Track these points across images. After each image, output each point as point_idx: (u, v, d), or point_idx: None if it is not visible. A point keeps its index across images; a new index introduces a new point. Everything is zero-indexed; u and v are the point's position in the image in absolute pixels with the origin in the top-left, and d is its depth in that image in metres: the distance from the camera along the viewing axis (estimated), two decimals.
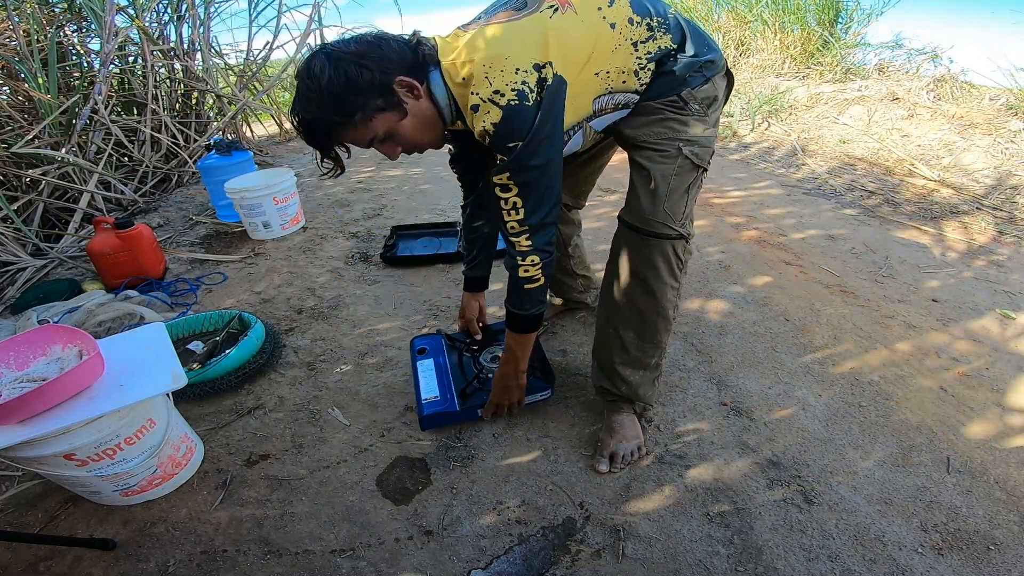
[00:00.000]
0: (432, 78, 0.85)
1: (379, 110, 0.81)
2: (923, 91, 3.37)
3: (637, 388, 1.15)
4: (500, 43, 0.79)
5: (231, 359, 1.43)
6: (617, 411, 1.19)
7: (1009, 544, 0.96)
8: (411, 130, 0.86)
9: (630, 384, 1.15)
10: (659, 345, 1.13)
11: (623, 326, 1.10)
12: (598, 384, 1.21)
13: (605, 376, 1.18)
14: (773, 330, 1.60)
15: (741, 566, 0.94)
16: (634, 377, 1.15)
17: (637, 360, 1.13)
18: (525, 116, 0.79)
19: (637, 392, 1.16)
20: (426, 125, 0.87)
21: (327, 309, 1.85)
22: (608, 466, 1.13)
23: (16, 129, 2.67)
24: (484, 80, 0.78)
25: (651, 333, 1.10)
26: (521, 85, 0.77)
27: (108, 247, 1.93)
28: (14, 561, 1.01)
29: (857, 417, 1.27)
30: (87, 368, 0.94)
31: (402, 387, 1.44)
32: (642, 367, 1.14)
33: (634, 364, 1.13)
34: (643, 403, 1.20)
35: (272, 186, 2.33)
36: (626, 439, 1.15)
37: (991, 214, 2.29)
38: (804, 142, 3.44)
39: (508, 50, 0.79)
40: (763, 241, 2.21)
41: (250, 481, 1.17)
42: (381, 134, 0.84)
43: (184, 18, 3.65)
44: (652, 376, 1.17)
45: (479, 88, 0.78)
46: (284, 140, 4.71)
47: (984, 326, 1.58)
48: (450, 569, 0.96)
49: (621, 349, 1.12)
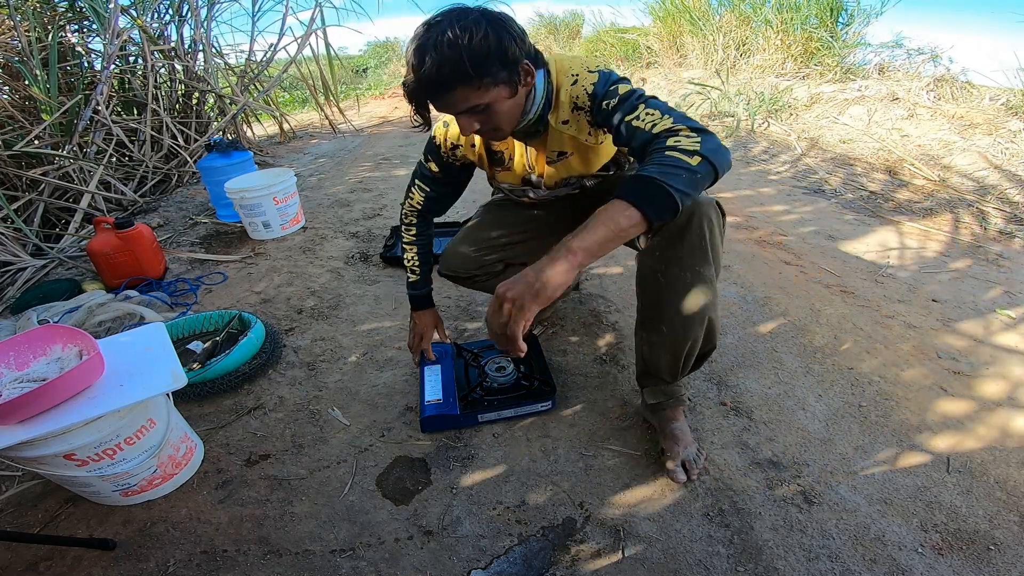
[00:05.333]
0: (538, 74, 0.94)
1: (501, 82, 0.85)
2: (923, 91, 3.37)
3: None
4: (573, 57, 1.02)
5: (231, 359, 1.43)
6: (674, 418, 1.16)
7: (1009, 544, 0.96)
8: (507, 110, 0.90)
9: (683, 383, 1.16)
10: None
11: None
12: (655, 400, 1.18)
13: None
14: (773, 330, 1.60)
15: (741, 566, 0.94)
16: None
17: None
18: (610, 72, 0.96)
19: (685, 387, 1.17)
20: (516, 112, 0.93)
21: (327, 309, 1.85)
22: (685, 474, 1.10)
23: (17, 129, 2.67)
24: (576, 62, 0.98)
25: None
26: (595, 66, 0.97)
27: (108, 247, 1.93)
28: (14, 561, 1.01)
29: (857, 417, 1.26)
30: (87, 368, 0.94)
31: (402, 387, 1.44)
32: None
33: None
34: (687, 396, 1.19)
35: (272, 186, 2.33)
36: (689, 444, 1.14)
37: (991, 214, 2.29)
38: (804, 142, 3.44)
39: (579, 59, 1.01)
40: (763, 241, 2.21)
41: (250, 481, 1.17)
42: (484, 103, 0.86)
43: (185, 18, 3.66)
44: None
45: (572, 68, 0.97)
46: (284, 140, 4.72)
47: (984, 326, 1.58)
48: (450, 569, 0.96)
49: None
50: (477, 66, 0.81)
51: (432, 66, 0.80)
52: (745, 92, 4.27)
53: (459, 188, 1.31)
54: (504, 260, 1.35)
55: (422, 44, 0.81)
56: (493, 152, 1.17)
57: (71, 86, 3.01)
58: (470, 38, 0.79)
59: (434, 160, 1.21)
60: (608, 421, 1.28)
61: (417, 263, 1.35)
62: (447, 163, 1.20)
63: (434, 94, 0.86)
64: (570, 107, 0.98)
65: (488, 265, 1.33)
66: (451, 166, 1.22)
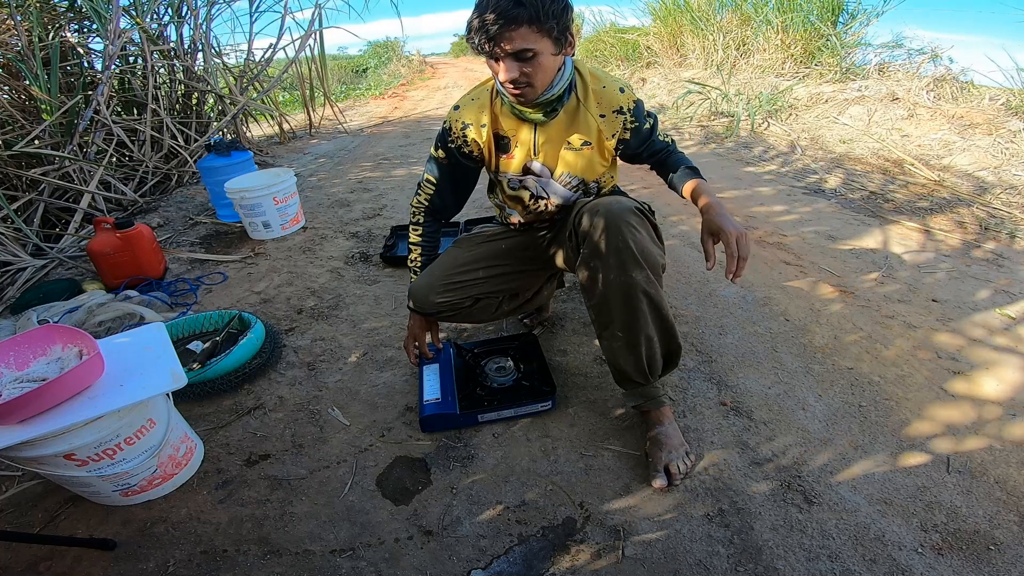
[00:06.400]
0: (568, 60, 1.10)
1: (555, 38, 1.00)
2: (923, 91, 3.37)
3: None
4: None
5: (231, 359, 1.43)
6: (659, 421, 1.17)
7: (1009, 544, 0.96)
8: (547, 65, 1.02)
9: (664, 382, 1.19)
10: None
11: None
12: (635, 402, 1.19)
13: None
14: (773, 330, 1.60)
15: (741, 566, 0.94)
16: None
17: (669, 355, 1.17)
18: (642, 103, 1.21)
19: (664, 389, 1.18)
20: (551, 73, 1.06)
21: (327, 309, 1.85)
22: (667, 480, 1.10)
23: (17, 129, 2.67)
24: (612, 76, 1.19)
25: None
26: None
27: (108, 247, 1.93)
28: (14, 561, 1.01)
29: (857, 417, 1.26)
30: (87, 368, 0.94)
31: (402, 387, 1.44)
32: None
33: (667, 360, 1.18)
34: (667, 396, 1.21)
35: (272, 186, 2.33)
36: (674, 448, 1.14)
37: (991, 214, 2.29)
38: (804, 142, 3.44)
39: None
40: (763, 241, 2.21)
41: (250, 481, 1.17)
42: (536, 50, 0.99)
43: (185, 19, 3.66)
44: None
45: (614, 80, 1.17)
46: (284, 140, 4.72)
47: (984, 326, 1.58)
48: (450, 569, 0.96)
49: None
50: (546, 14, 0.96)
51: (510, 8, 0.94)
52: (745, 92, 4.27)
53: (463, 184, 1.33)
54: (474, 295, 1.32)
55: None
56: (500, 137, 1.21)
57: (71, 86, 3.01)
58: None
59: (442, 147, 1.26)
60: (608, 421, 1.28)
61: (419, 264, 1.35)
62: (454, 149, 1.24)
63: (502, 27, 0.95)
64: (614, 108, 1.14)
65: (457, 301, 1.31)
66: (457, 154, 1.25)
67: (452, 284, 1.29)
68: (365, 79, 10.91)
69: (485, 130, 1.19)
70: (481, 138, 1.20)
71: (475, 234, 1.42)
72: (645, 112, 1.18)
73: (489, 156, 1.24)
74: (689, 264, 2.04)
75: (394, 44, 11.39)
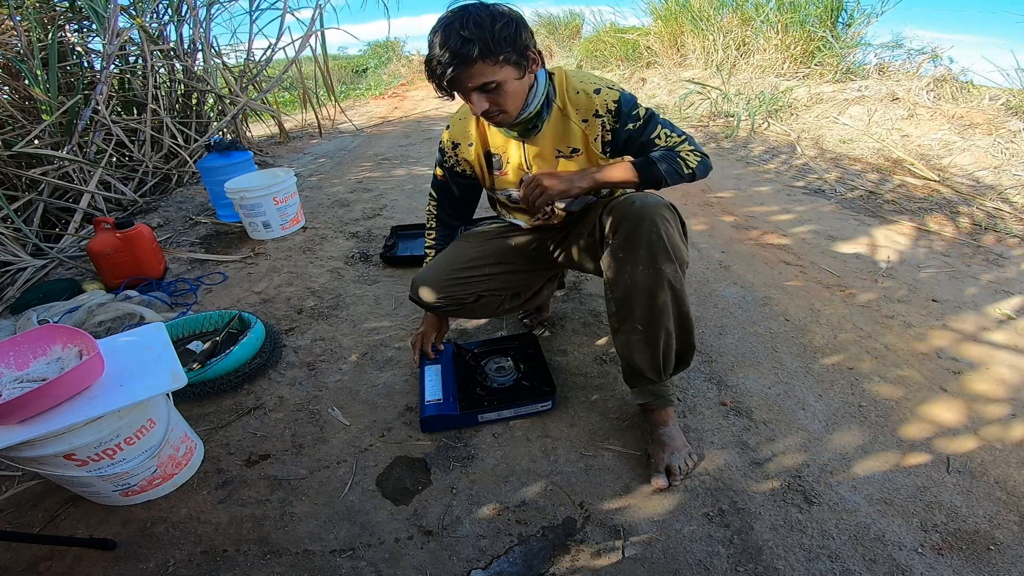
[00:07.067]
0: (540, 73, 1.08)
1: (514, 63, 0.98)
2: (923, 91, 3.37)
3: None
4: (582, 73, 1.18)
5: (231, 359, 1.43)
6: (663, 422, 1.17)
7: (1009, 544, 0.96)
8: (514, 91, 1.02)
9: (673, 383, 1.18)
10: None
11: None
12: (643, 400, 1.18)
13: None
14: (773, 330, 1.60)
15: (741, 566, 0.94)
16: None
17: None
18: (629, 94, 1.14)
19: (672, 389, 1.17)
20: (521, 96, 1.05)
21: (327, 309, 1.85)
22: (667, 480, 1.10)
23: (17, 129, 2.67)
24: (588, 78, 1.13)
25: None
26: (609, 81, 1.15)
27: (108, 247, 1.93)
28: (14, 561, 1.01)
29: (857, 417, 1.26)
30: (87, 368, 0.94)
31: (402, 387, 1.44)
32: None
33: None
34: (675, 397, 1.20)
35: (272, 186, 2.33)
36: (677, 449, 1.14)
37: (991, 214, 2.29)
38: (804, 142, 3.44)
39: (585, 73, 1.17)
40: (763, 241, 2.21)
41: (250, 481, 1.17)
42: (496, 81, 0.98)
43: (184, 18, 3.65)
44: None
45: (588, 82, 1.12)
46: (284, 140, 4.71)
47: (984, 326, 1.58)
48: (450, 569, 0.96)
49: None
50: (496, 44, 0.94)
51: (459, 48, 0.93)
52: (745, 92, 4.27)
53: (465, 199, 1.37)
54: (477, 292, 1.32)
55: (450, 23, 0.94)
56: (490, 155, 1.23)
57: (71, 86, 3.01)
58: (492, 22, 0.94)
59: (439, 164, 1.31)
60: (608, 421, 1.28)
61: None
62: (450, 167, 1.28)
63: (457, 67, 0.95)
64: (591, 112, 1.12)
65: (460, 296, 1.31)
66: (454, 172, 1.29)
67: (457, 280, 1.30)
68: (365, 79, 10.90)
69: (473, 148, 1.22)
70: (471, 157, 1.23)
71: (483, 230, 1.42)
72: (634, 111, 1.12)
73: (483, 174, 1.26)
74: (689, 264, 2.04)
75: (394, 44, 11.38)
